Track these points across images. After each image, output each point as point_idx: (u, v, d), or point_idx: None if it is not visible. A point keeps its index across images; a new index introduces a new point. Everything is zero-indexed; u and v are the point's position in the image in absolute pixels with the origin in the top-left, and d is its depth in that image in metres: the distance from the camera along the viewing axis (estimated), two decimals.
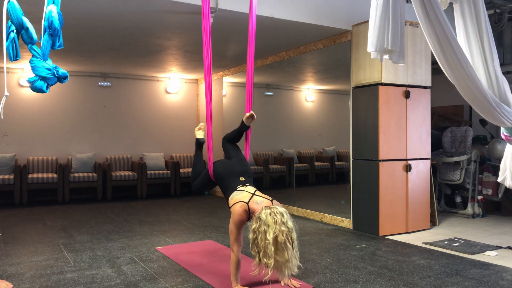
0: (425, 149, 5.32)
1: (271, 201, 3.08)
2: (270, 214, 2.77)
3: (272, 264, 2.69)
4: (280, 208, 2.85)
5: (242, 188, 3.20)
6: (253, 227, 2.81)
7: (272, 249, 2.68)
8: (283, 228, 2.72)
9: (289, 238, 2.74)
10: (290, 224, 2.77)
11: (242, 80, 8.10)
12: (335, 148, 7.02)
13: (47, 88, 2.68)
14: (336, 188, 6.79)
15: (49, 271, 3.62)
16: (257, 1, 3.59)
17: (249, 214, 3.02)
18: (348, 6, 5.26)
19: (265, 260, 2.73)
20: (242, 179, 3.31)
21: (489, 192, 6.16)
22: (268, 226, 2.71)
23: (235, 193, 3.18)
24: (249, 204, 3.02)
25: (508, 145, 3.69)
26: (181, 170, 8.51)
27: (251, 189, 3.19)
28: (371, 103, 5.02)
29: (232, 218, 3.02)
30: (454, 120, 7.57)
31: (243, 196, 3.09)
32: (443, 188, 6.55)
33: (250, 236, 2.82)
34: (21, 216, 6.28)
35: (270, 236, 2.69)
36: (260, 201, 3.03)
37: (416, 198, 5.19)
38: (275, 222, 2.72)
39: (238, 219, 3.00)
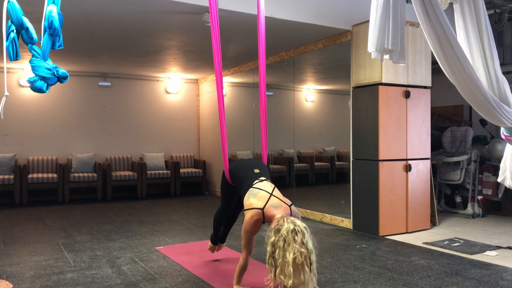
0: (425, 149, 5.32)
1: (290, 206, 2.86)
2: (292, 231, 2.54)
3: (290, 284, 2.50)
4: (302, 224, 2.62)
5: (258, 184, 2.96)
6: (271, 239, 2.60)
7: (291, 270, 2.48)
8: (302, 249, 2.50)
9: (307, 261, 2.53)
10: (310, 245, 2.56)
11: (242, 80, 8.10)
12: (335, 148, 7.01)
13: (47, 88, 2.67)
14: (336, 188, 6.79)
15: (49, 271, 3.62)
16: (261, 1, 3.58)
17: (264, 219, 2.83)
18: (348, 6, 5.26)
19: (281, 277, 2.55)
20: (256, 171, 3.11)
21: (489, 192, 6.16)
22: (289, 244, 2.51)
23: (251, 192, 2.92)
24: (264, 210, 2.80)
25: (508, 145, 3.69)
26: (181, 170, 8.51)
27: (269, 186, 2.95)
28: (371, 103, 5.02)
29: (244, 226, 2.84)
30: (454, 120, 7.57)
31: (259, 198, 2.85)
32: (443, 188, 6.55)
33: (268, 249, 2.62)
34: (21, 216, 6.28)
35: (290, 256, 2.49)
36: (278, 205, 2.82)
37: (416, 198, 5.19)
38: (295, 241, 2.51)
39: (250, 230, 2.82)
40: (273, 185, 3.01)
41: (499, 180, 3.78)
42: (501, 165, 3.75)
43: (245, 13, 4.57)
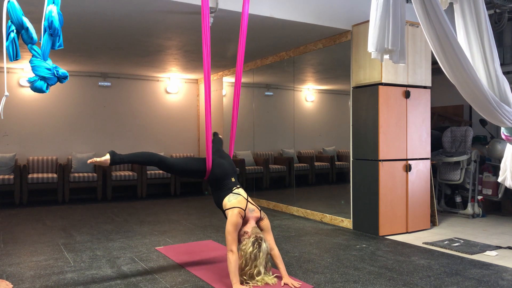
0: (425, 149, 5.32)
1: (260, 211, 3.45)
2: (266, 253, 3.24)
3: (255, 271, 3.19)
4: (266, 249, 3.25)
5: (237, 190, 3.49)
6: (250, 249, 3.17)
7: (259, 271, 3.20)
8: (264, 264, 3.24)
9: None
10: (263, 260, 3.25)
11: (242, 80, 8.09)
12: (335, 148, 7.01)
13: (47, 88, 2.67)
14: (336, 188, 6.78)
15: (49, 271, 3.62)
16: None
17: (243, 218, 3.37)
18: (348, 6, 5.26)
19: (245, 278, 3.18)
20: (233, 180, 3.59)
21: (489, 192, 6.16)
22: (257, 260, 3.18)
23: (231, 196, 3.43)
24: (245, 211, 3.34)
25: (508, 145, 3.69)
26: None
27: (243, 193, 3.50)
28: (371, 103, 5.02)
29: (230, 221, 3.25)
30: (454, 120, 7.57)
31: (239, 201, 3.37)
32: (443, 188, 6.55)
33: (247, 255, 3.17)
34: (21, 216, 6.28)
35: (261, 268, 3.19)
36: (252, 209, 3.41)
37: (416, 198, 5.19)
38: (260, 257, 3.20)
39: (236, 222, 3.25)
40: (246, 193, 3.58)
41: (499, 180, 3.78)
42: (501, 165, 3.75)
43: None
